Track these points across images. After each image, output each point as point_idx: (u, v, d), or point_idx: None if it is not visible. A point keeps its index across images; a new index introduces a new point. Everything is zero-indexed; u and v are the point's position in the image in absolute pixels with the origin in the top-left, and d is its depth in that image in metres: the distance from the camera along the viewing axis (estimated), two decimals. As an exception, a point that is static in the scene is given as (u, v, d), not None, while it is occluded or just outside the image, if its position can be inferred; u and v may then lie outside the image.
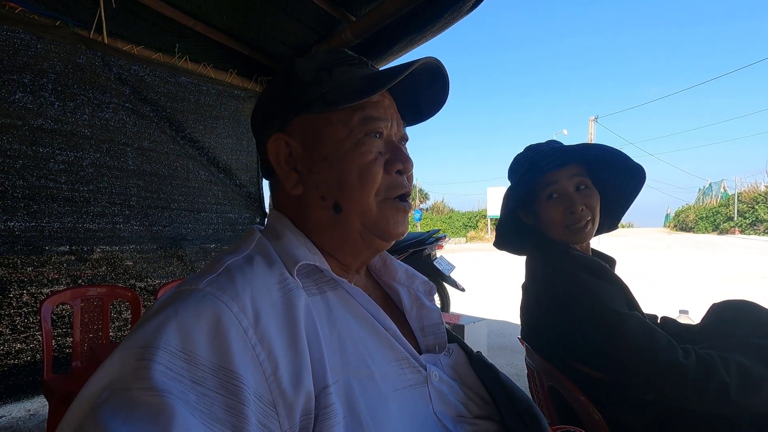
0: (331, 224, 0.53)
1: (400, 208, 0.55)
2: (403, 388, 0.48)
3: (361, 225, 0.53)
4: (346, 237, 0.54)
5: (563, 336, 0.94)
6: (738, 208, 19.66)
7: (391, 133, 0.55)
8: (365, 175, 0.52)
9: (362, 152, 0.52)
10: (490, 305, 5.12)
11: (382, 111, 0.54)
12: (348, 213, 0.52)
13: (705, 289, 5.99)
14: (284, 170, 0.55)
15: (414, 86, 0.58)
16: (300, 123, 0.55)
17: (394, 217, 0.54)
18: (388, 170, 0.53)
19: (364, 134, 0.53)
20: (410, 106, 0.61)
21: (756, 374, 0.78)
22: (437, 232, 4.06)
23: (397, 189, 0.54)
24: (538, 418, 0.50)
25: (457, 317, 3.07)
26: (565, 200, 1.01)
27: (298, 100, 0.54)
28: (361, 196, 0.52)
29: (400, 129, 0.57)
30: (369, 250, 0.56)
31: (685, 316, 1.80)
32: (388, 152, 0.54)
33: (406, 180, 0.56)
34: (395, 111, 0.57)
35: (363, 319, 0.51)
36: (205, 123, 2.91)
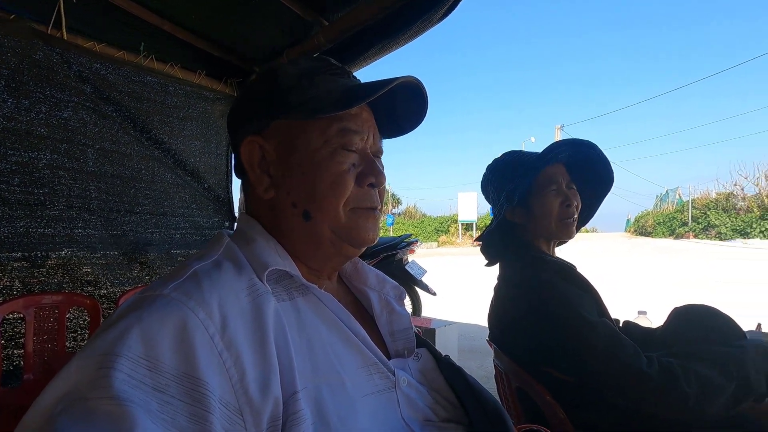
0: (301, 231, 0.54)
1: (369, 215, 0.55)
2: (371, 394, 0.48)
3: (330, 232, 0.53)
4: (316, 244, 0.54)
5: (535, 339, 0.96)
6: (692, 213, 20.81)
7: (366, 146, 0.56)
8: (336, 186, 0.52)
9: (336, 162, 0.53)
10: (461, 309, 5.19)
11: (360, 123, 0.55)
12: (317, 221, 0.53)
13: (662, 292, 6.30)
14: (256, 173, 0.55)
15: (393, 101, 0.58)
16: (277, 128, 0.55)
17: (364, 224, 0.55)
18: (360, 182, 0.54)
19: (339, 146, 0.53)
20: (388, 120, 0.61)
21: (713, 384, 0.82)
22: (409, 236, 4.09)
23: (367, 201, 0.55)
24: (505, 420, 0.51)
25: (429, 321, 3.10)
26: (561, 194, 1.07)
27: (277, 104, 0.55)
28: (331, 205, 0.52)
29: (377, 142, 0.58)
30: (339, 256, 0.56)
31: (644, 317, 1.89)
32: (362, 165, 0.55)
33: (378, 194, 0.57)
34: (373, 124, 0.57)
35: (333, 325, 0.51)
36: (172, 124, 2.82)
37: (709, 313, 1.00)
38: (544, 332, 0.93)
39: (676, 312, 1.05)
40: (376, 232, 0.56)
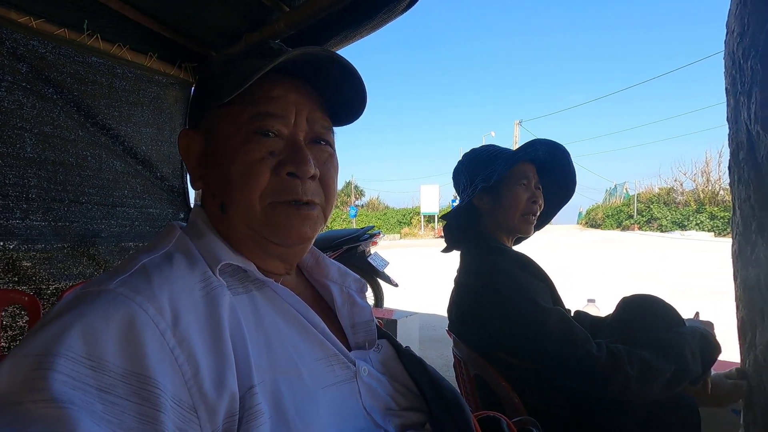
0: (221, 224, 0.52)
1: (292, 212, 0.50)
2: (332, 385, 0.48)
3: (247, 228, 0.51)
4: (237, 238, 0.52)
5: (492, 326, 0.99)
6: (637, 207, 22.20)
7: (295, 132, 0.52)
8: (247, 175, 0.49)
9: (248, 150, 0.49)
10: (423, 300, 5.28)
11: (281, 107, 0.51)
12: (231, 214, 0.50)
13: (610, 281, 6.69)
14: (191, 165, 0.54)
15: (333, 83, 0.54)
16: (207, 117, 0.53)
17: (285, 221, 0.50)
18: (278, 171, 0.50)
19: (252, 131, 0.50)
20: (340, 106, 0.58)
21: (654, 367, 0.88)
22: (371, 228, 4.10)
23: (287, 193, 0.50)
24: (462, 406, 0.52)
25: (390, 312, 3.13)
26: (530, 190, 1.11)
27: (205, 93, 0.53)
28: (242, 197, 0.49)
29: (314, 128, 0.53)
30: (272, 254, 0.54)
31: (592, 305, 2.00)
32: (285, 152, 0.50)
33: (315, 185, 0.52)
34: (308, 108, 0.53)
35: (291, 318, 0.50)
36: (121, 109, 2.65)
37: (652, 302, 1.07)
38: (501, 319, 0.96)
39: (623, 301, 1.12)
40: (304, 230, 0.51)
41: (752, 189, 1.09)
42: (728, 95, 1.15)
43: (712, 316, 1.23)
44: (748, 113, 1.08)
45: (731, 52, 1.12)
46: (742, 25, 1.08)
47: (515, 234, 1.15)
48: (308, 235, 0.52)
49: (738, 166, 1.13)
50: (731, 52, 1.12)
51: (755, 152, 1.07)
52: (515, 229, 1.13)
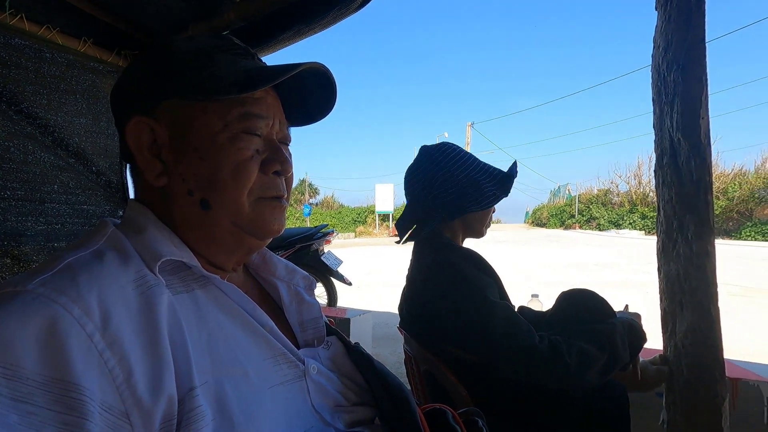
0: (198, 221, 0.50)
1: (276, 205, 0.53)
2: (279, 384, 0.48)
3: (231, 224, 0.50)
4: (215, 236, 0.51)
5: (442, 321, 1.02)
6: (578, 207, 23.61)
7: (272, 132, 0.54)
8: (239, 173, 0.49)
9: (238, 148, 0.49)
10: (377, 298, 5.31)
11: (264, 108, 0.52)
12: (217, 211, 0.49)
13: (552, 276, 7.07)
14: (146, 158, 0.50)
15: (301, 88, 0.56)
16: (170, 108, 0.50)
17: (270, 215, 0.52)
18: (265, 170, 0.52)
19: (241, 130, 0.50)
20: (296, 107, 0.59)
21: (590, 355, 0.94)
22: (325, 227, 4.07)
23: (272, 190, 0.52)
24: (408, 399, 0.53)
25: (344, 311, 3.12)
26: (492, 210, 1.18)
27: (171, 83, 0.50)
28: (233, 194, 0.49)
29: (283, 129, 0.56)
30: (242, 249, 0.54)
31: (536, 300, 2.11)
32: (267, 151, 0.52)
33: (284, 182, 0.55)
34: (279, 110, 0.55)
35: (237, 317, 0.49)
36: (50, 97, 2.43)
37: (587, 295, 1.15)
38: (450, 313, 0.99)
39: (561, 295, 1.19)
40: (281, 223, 0.54)
41: (674, 191, 1.19)
42: (654, 105, 1.25)
43: (640, 308, 1.33)
44: (671, 121, 1.18)
45: (657, 65, 1.22)
46: (666, 40, 1.18)
47: (475, 237, 1.20)
48: (283, 227, 0.55)
49: (662, 170, 1.24)
50: (657, 65, 1.22)
51: (677, 157, 1.18)
52: (479, 234, 1.20)
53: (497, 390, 1.03)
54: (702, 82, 1.13)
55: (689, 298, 1.17)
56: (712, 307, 1.15)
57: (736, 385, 1.62)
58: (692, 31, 1.13)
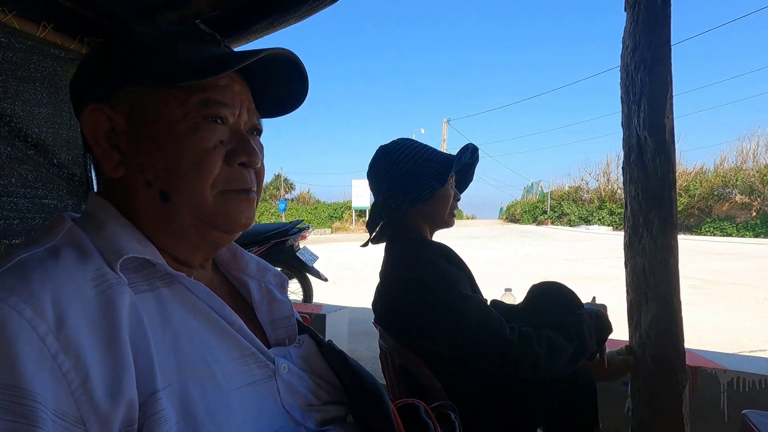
0: (159, 215, 0.48)
1: (242, 198, 0.51)
2: (248, 385, 0.46)
3: (194, 218, 0.48)
4: (177, 230, 0.49)
5: (417, 316, 1.02)
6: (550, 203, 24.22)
7: (239, 122, 0.51)
8: (201, 164, 0.47)
9: (199, 138, 0.47)
10: (353, 294, 5.30)
11: (230, 96, 0.50)
12: (178, 204, 0.47)
13: (525, 270, 7.23)
14: (103, 148, 0.48)
15: (272, 77, 0.55)
16: (129, 95, 0.48)
17: (236, 208, 0.50)
18: (230, 161, 0.49)
19: (202, 118, 0.48)
20: (268, 98, 0.58)
21: (559, 345, 0.96)
22: (300, 222, 4.02)
23: (239, 182, 0.50)
24: (381, 395, 0.53)
25: (320, 307, 3.10)
26: (453, 189, 1.18)
27: (130, 69, 0.47)
28: (195, 186, 0.47)
29: (252, 119, 0.54)
30: (208, 244, 0.52)
31: (509, 294, 2.15)
32: (233, 142, 0.50)
33: (254, 175, 0.52)
34: (247, 99, 0.53)
35: (204, 316, 0.47)
36: (6, 85, 2.29)
37: (557, 288, 1.18)
38: (424, 307, 1.00)
39: (532, 288, 1.22)
40: (250, 216, 0.52)
41: (640, 188, 1.23)
42: (623, 104, 1.29)
43: (608, 300, 1.38)
44: (638, 120, 1.22)
45: (626, 65, 1.26)
46: (634, 41, 1.21)
47: (441, 227, 1.20)
48: (251, 221, 0.53)
49: (629, 167, 1.28)
50: (626, 65, 1.26)
51: (643, 155, 1.22)
52: (444, 224, 1.19)
53: (470, 382, 1.05)
54: (667, 83, 1.17)
55: (653, 290, 1.21)
56: (674, 299, 1.19)
57: (695, 373, 1.71)
58: (658, 33, 1.16)
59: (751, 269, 7.23)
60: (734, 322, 3.95)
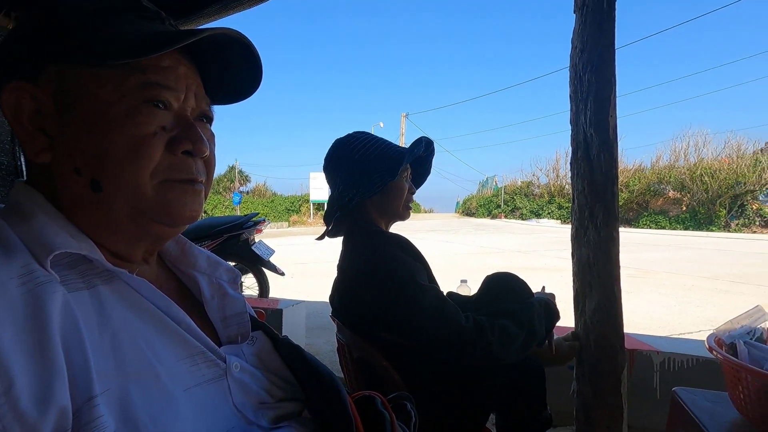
0: (90, 206, 0.44)
1: (187, 189, 0.48)
2: (196, 386, 0.44)
3: (131, 209, 0.45)
4: (112, 222, 0.45)
5: (375, 307, 1.02)
6: (504, 198, 25.09)
7: (184, 107, 0.48)
8: (138, 151, 0.43)
9: (137, 122, 0.43)
10: (311, 287, 5.25)
11: (173, 79, 0.46)
12: (110, 194, 0.44)
13: (480, 262, 7.47)
14: (26, 130, 0.43)
15: (224, 61, 0.51)
16: (57, 74, 0.43)
17: (180, 199, 0.47)
18: (173, 149, 0.46)
19: (141, 101, 0.44)
20: (220, 84, 0.54)
21: (510, 333, 1.00)
22: (256, 215, 3.91)
23: (182, 172, 0.47)
24: (338, 389, 0.53)
25: (276, 302, 3.04)
26: (408, 182, 1.19)
27: (58, 44, 0.43)
28: (130, 175, 0.43)
29: (201, 104, 0.50)
30: (149, 238, 0.49)
31: (465, 285, 2.20)
32: (177, 128, 0.46)
33: (201, 164, 0.49)
34: (195, 83, 0.49)
35: (148, 314, 0.44)
36: None
37: (509, 278, 1.23)
38: (382, 298, 1.00)
39: (486, 279, 1.26)
40: (195, 208, 0.49)
41: (586, 182, 1.30)
42: (571, 102, 1.35)
43: (556, 289, 1.45)
44: (585, 118, 1.28)
45: (574, 65, 1.31)
46: (582, 42, 1.27)
47: (396, 220, 1.20)
48: (198, 213, 0.49)
49: (577, 163, 1.34)
50: (574, 65, 1.31)
51: (589, 151, 1.28)
52: (398, 216, 1.20)
53: (427, 372, 1.07)
54: (611, 83, 1.23)
55: (597, 279, 1.29)
56: (615, 287, 1.27)
57: (632, 356, 1.84)
58: (604, 35, 1.22)
59: (681, 259, 7.88)
60: (666, 308, 4.30)
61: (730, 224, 15.66)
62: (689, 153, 19.24)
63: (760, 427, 0.81)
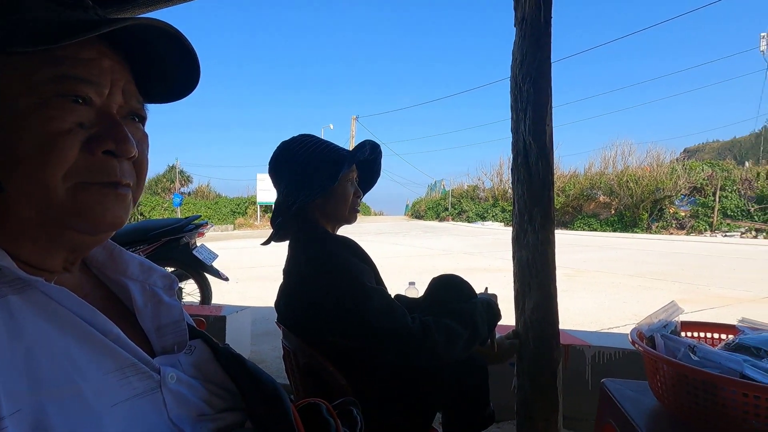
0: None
1: (108, 193, 0.43)
2: (126, 400, 0.41)
3: (39, 215, 0.41)
4: (16, 228, 0.41)
5: (323, 311, 1.01)
6: (451, 201, 25.84)
7: (109, 104, 0.44)
8: (48, 149, 0.39)
9: (48, 118, 0.39)
10: (257, 292, 5.08)
11: (95, 72, 0.42)
12: (14, 196, 0.40)
13: (428, 264, 7.63)
14: None
15: (159, 57, 0.48)
16: None
17: (100, 204, 0.43)
18: (91, 148, 0.42)
19: (54, 95, 0.40)
20: (156, 81, 0.50)
21: (455, 332, 1.03)
22: (198, 218, 3.72)
23: (102, 174, 0.43)
24: (281, 397, 0.51)
25: (219, 308, 2.91)
26: (354, 185, 1.18)
27: None
28: (38, 175, 0.39)
29: (131, 102, 0.46)
30: (64, 247, 0.45)
31: (413, 288, 2.23)
32: (99, 126, 0.42)
33: (128, 166, 0.45)
34: (123, 78, 0.46)
35: (69, 326, 0.40)
36: None
37: (453, 279, 1.26)
38: (329, 301, 0.99)
39: (432, 281, 1.29)
40: (118, 214, 0.45)
41: (525, 187, 1.37)
42: (512, 111, 1.42)
43: (499, 290, 1.51)
44: (525, 126, 1.35)
45: (515, 76, 1.38)
46: (522, 54, 1.34)
47: (342, 223, 1.20)
48: (122, 219, 0.45)
49: (517, 169, 1.41)
50: (515, 75, 1.38)
51: (528, 158, 1.35)
52: (345, 220, 1.19)
53: (374, 375, 1.07)
54: (548, 94, 1.31)
55: (535, 280, 1.36)
56: (551, 287, 1.35)
57: (567, 351, 1.96)
58: (541, 49, 1.30)
59: (610, 258, 8.53)
60: (597, 304, 4.63)
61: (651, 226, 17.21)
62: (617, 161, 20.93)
63: (673, 412, 0.89)
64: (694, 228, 16.25)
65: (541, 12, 1.28)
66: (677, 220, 17.07)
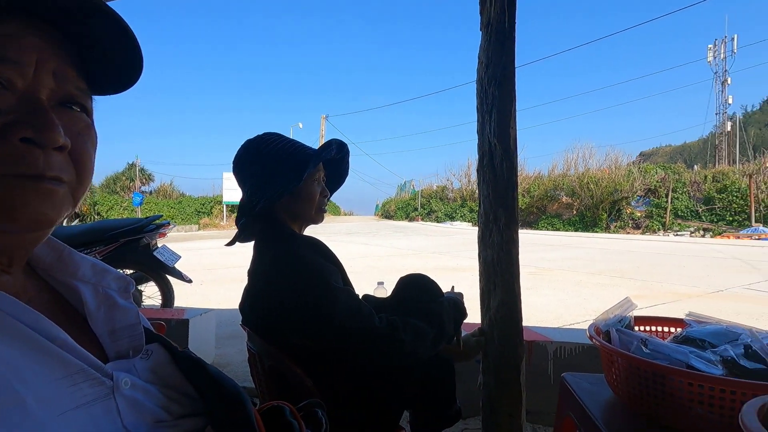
0: None
1: (26, 185, 0.39)
2: (75, 408, 0.39)
3: None
4: None
5: (288, 312, 0.99)
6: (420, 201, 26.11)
7: (34, 86, 0.40)
8: None
9: None
10: (222, 294, 4.95)
11: (15, 51, 0.39)
12: None
13: (397, 263, 7.67)
14: None
15: (99, 43, 0.45)
16: None
17: (17, 198, 0.38)
18: (7, 135, 0.37)
19: None
20: (101, 66, 0.47)
21: (421, 331, 1.04)
22: (159, 218, 3.58)
23: (20, 164, 0.38)
24: (242, 401, 0.50)
25: (182, 311, 2.81)
26: (321, 185, 1.17)
27: None
28: None
29: (66, 86, 0.42)
30: None
31: (381, 288, 2.24)
32: (19, 111, 0.39)
33: (61, 158, 0.41)
34: (56, 59, 0.42)
35: (9, 333, 0.38)
36: None
37: (420, 279, 1.28)
38: (295, 302, 0.98)
39: (399, 280, 1.30)
40: (43, 210, 0.40)
41: (491, 188, 1.40)
42: (478, 113, 1.45)
43: (466, 288, 1.54)
44: (490, 128, 1.38)
45: (481, 79, 1.41)
46: (487, 58, 1.37)
47: (309, 223, 1.19)
48: (49, 217, 0.41)
49: (483, 170, 1.44)
50: (481, 78, 1.41)
51: (493, 159, 1.38)
52: (311, 220, 1.18)
53: (341, 376, 1.07)
54: (512, 98, 1.34)
55: (500, 278, 1.39)
56: (515, 285, 1.39)
57: (531, 347, 2.02)
58: (506, 53, 1.33)
59: (572, 257, 8.86)
60: (560, 301, 4.80)
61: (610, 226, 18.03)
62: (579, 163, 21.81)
63: (627, 403, 0.94)
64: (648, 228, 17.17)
65: (506, 17, 1.31)
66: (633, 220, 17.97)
